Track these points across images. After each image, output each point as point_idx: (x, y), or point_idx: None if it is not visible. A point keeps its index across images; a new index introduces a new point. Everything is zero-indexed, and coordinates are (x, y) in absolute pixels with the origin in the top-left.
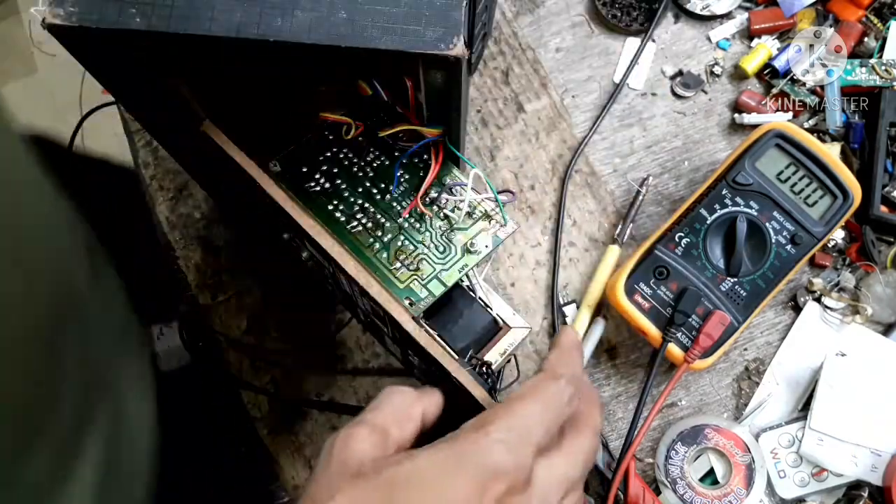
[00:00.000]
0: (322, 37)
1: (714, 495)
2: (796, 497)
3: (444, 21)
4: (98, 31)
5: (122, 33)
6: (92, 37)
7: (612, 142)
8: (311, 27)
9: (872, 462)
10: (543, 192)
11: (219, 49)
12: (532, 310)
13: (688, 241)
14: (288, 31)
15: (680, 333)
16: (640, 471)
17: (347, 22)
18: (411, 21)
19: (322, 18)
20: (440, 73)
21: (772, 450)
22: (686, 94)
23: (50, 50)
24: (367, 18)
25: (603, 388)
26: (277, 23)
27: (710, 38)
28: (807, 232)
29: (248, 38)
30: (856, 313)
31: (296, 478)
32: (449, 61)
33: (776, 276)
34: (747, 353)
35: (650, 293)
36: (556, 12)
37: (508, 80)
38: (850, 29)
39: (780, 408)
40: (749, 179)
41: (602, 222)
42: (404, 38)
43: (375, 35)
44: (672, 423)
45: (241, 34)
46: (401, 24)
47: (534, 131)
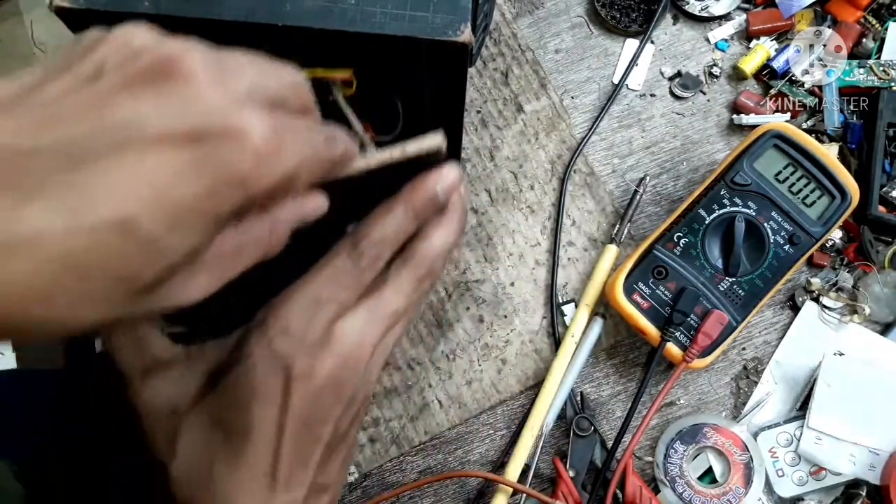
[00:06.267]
0: (331, 22)
1: (712, 494)
2: (794, 496)
3: (453, 8)
4: (106, 14)
5: (130, 17)
6: (99, 20)
7: (611, 142)
8: (320, 13)
9: (870, 461)
10: (543, 192)
11: (228, 34)
12: (531, 309)
13: (686, 240)
14: (297, 16)
15: (678, 333)
16: (638, 469)
17: (356, 8)
18: (419, 8)
19: (331, 4)
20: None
21: (770, 449)
22: (685, 94)
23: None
24: (376, 5)
25: (602, 386)
26: (287, 8)
27: (709, 40)
28: (805, 232)
29: (258, 22)
30: (854, 313)
31: None
32: (456, 48)
33: (774, 275)
34: (746, 353)
35: (649, 293)
36: (556, 13)
37: (508, 81)
38: (848, 30)
39: (778, 407)
40: (747, 180)
41: (601, 222)
42: (413, 25)
43: (384, 21)
44: (671, 422)
45: (251, 19)
46: (409, 10)
47: (533, 132)
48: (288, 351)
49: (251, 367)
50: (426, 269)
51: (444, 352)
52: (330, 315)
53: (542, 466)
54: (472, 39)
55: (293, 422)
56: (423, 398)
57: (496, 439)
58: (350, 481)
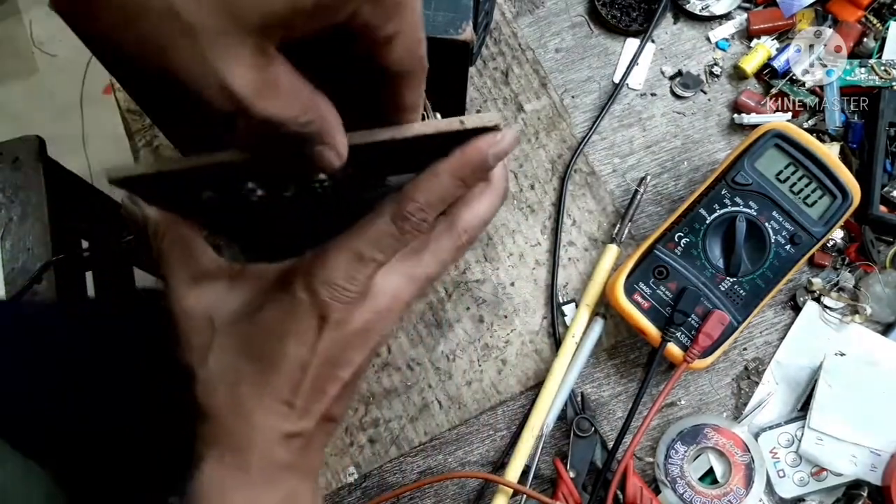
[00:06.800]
0: None
1: (713, 495)
2: (795, 496)
3: (454, 6)
4: None
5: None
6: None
7: (611, 142)
8: None
9: (871, 461)
10: (543, 192)
11: None
12: (531, 309)
13: (687, 240)
14: None
15: (679, 333)
16: (639, 470)
17: None
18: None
19: None
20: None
21: (771, 449)
22: (685, 94)
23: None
24: None
25: (602, 387)
26: None
27: (710, 39)
28: (806, 232)
29: None
30: (855, 313)
31: None
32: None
33: (775, 275)
34: (747, 353)
35: (649, 293)
36: (556, 13)
37: (508, 81)
38: (849, 29)
39: (779, 407)
40: (748, 179)
41: (602, 222)
42: None
43: None
44: (672, 423)
45: None
46: None
47: (533, 131)
48: (326, 299)
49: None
50: (467, 238)
51: (443, 352)
52: (369, 272)
53: (543, 467)
54: (474, 38)
55: (319, 361)
56: (423, 399)
57: (496, 440)
58: (350, 482)
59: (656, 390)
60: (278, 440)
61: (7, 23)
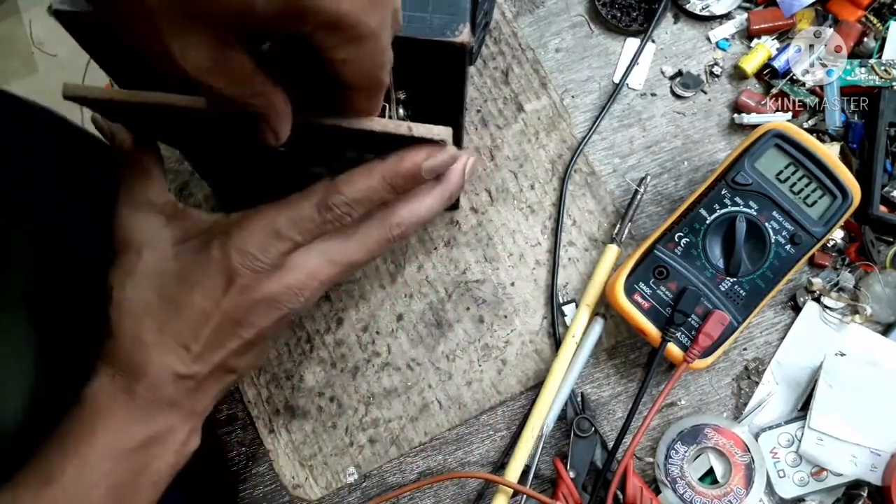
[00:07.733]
0: None
1: (713, 495)
2: (796, 497)
3: (451, 8)
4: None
5: None
6: (98, 23)
7: (611, 142)
8: None
9: (872, 462)
10: (543, 192)
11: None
12: (531, 309)
13: (687, 240)
14: None
15: (679, 333)
16: (639, 470)
17: None
18: (417, 8)
19: None
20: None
21: (771, 449)
22: (685, 94)
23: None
24: None
25: (602, 387)
26: None
27: (710, 39)
28: (806, 232)
29: None
30: (855, 313)
31: (296, 477)
32: (454, 48)
33: (775, 275)
34: (747, 353)
35: (650, 293)
36: (556, 12)
37: (508, 80)
38: (849, 29)
39: (779, 407)
40: (748, 179)
41: (602, 222)
42: (410, 25)
43: None
44: (672, 423)
45: None
46: (407, 11)
47: (533, 131)
48: (237, 265)
49: (205, 262)
50: (399, 233)
51: (443, 352)
52: (284, 249)
53: (543, 467)
54: (471, 40)
55: (221, 316)
56: (423, 399)
57: (496, 440)
58: (350, 482)
59: (656, 390)
60: (169, 378)
61: (7, 23)
